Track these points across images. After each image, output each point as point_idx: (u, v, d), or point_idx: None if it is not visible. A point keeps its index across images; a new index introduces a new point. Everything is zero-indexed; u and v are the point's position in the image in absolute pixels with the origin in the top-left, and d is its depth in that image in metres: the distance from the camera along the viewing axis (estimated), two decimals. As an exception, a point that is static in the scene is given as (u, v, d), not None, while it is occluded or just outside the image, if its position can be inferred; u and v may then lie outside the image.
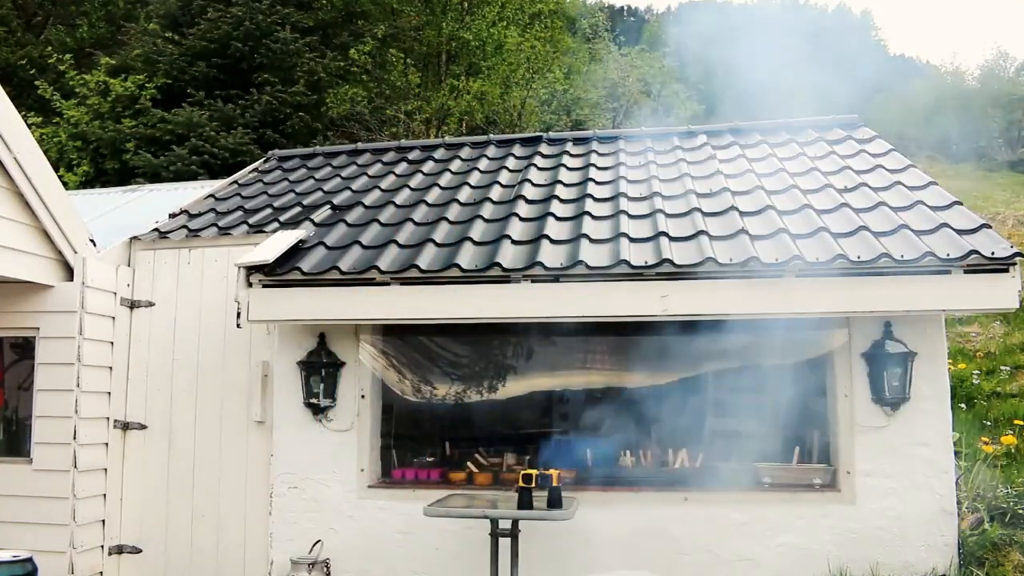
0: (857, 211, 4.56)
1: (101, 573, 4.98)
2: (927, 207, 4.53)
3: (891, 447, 4.30)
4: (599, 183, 5.48)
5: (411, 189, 5.73)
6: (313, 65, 12.95)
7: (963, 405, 6.27)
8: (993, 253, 3.96)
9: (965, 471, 5.06)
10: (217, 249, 5.25)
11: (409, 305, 4.40)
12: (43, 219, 4.67)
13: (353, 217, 5.26)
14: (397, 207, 5.38)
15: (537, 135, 6.96)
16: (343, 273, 4.47)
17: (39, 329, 4.86)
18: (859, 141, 5.89)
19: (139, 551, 5.10)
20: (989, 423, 6.10)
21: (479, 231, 4.79)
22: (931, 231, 4.25)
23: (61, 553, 4.64)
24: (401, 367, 4.96)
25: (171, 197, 6.88)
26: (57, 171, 5.65)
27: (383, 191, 5.78)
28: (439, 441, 5.23)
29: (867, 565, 4.20)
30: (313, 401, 4.74)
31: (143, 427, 5.19)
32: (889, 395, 4.26)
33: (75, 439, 4.74)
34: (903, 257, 4.02)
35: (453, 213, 5.11)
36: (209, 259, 5.26)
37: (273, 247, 4.69)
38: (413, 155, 6.69)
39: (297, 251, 4.78)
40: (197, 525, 5.06)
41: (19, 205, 4.56)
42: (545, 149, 6.50)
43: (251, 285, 4.56)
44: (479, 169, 6.08)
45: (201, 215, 5.73)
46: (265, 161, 7.21)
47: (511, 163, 6.18)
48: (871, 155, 5.55)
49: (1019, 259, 3.97)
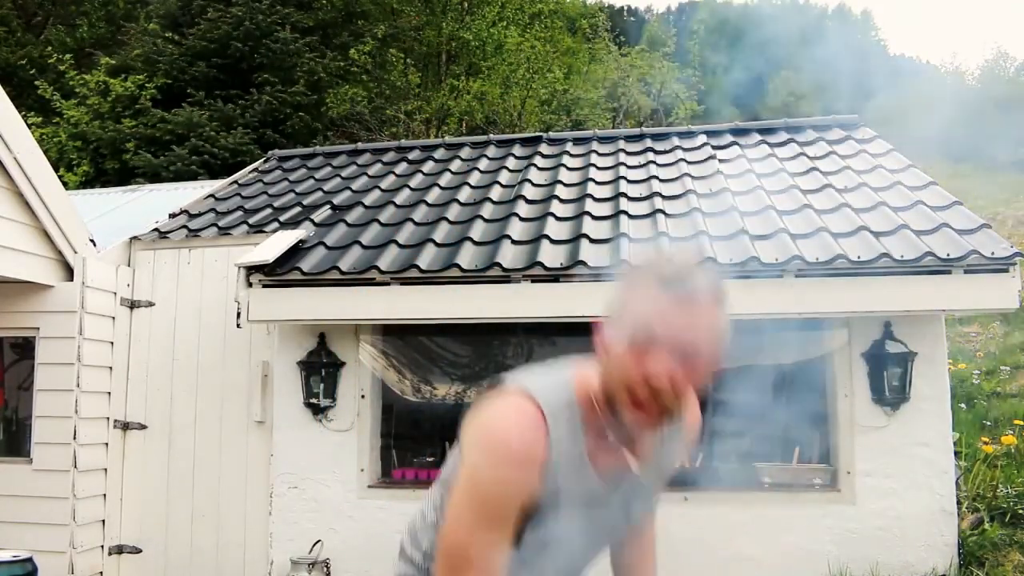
0: (857, 211, 4.56)
1: (101, 573, 4.98)
2: (927, 207, 4.53)
3: (891, 447, 4.30)
4: (599, 183, 5.48)
5: (411, 189, 5.74)
6: (313, 65, 12.95)
7: (963, 405, 6.27)
8: (993, 253, 3.96)
9: (965, 471, 5.06)
10: (217, 249, 5.25)
11: (409, 305, 4.41)
12: (43, 219, 4.67)
13: (353, 217, 5.26)
14: (397, 207, 5.38)
15: (537, 135, 6.96)
16: (343, 273, 4.47)
17: (39, 329, 4.86)
18: (859, 141, 5.89)
19: (139, 551, 5.10)
20: (989, 423, 6.10)
21: (479, 231, 4.79)
22: (931, 231, 4.25)
23: (61, 553, 4.64)
24: (401, 367, 4.96)
25: (171, 197, 6.88)
26: (57, 171, 5.65)
27: (383, 191, 5.78)
28: (439, 441, 5.23)
29: (867, 565, 4.20)
30: (313, 401, 4.75)
31: (143, 427, 5.19)
32: (889, 395, 4.26)
33: (75, 439, 4.74)
34: (903, 257, 4.02)
35: (453, 213, 5.11)
36: (209, 259, 5.26)
37: (273, 247, 4.69)
38: (413, 155, 6.69)
39: (297, 251, 4.78)
40: (197, 525, 5.06)
41: (19, 205, 4.56)
42: (545, 149, 6.50)
43: (251, 285, 4.56)
44: (479, 169, 6.08)
45: (201, 215, 5.73)
46: (265, 161, 7.21)
47: (511, 163, 6.18)
48: (871, 155, 5.55)
49: (1019, 259, 3.97)
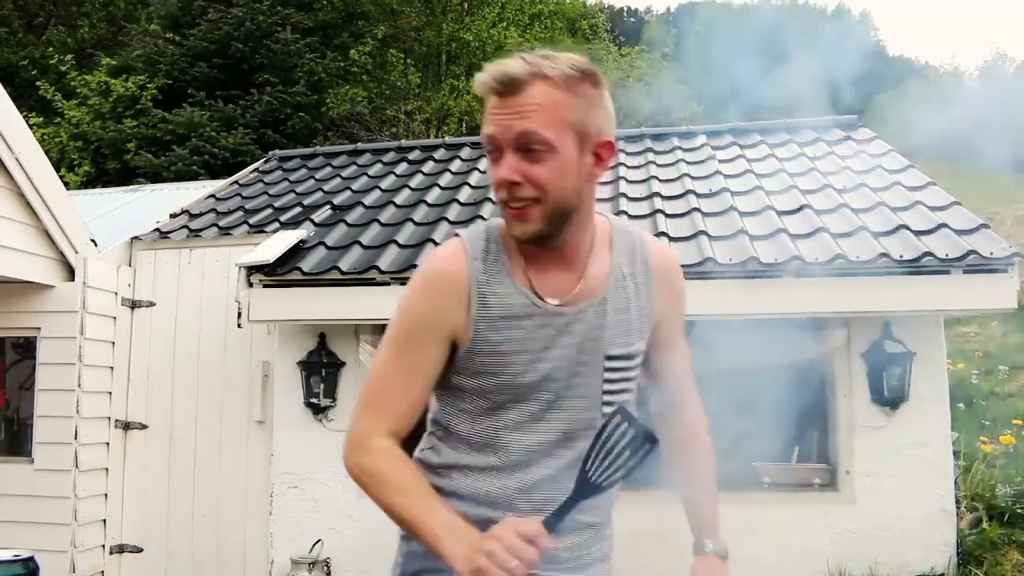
0: (856, 211, 4.57)
1: (102, 572, 4.99)
2: (926, 207, 4.54)
3: (890, 447, 4.31)
4: (599, 183, 5.49)
5: (411, 189, 5.75)
6: (313, 65, 12.96)
7: (962, 405, 6.28)
8: (992, 253, 3.97)
9: (964, 471, 5.07)
10: (218, 249, 5.26)
11: (409, 305, 4.41)
12: (44, 219, 4.68)
13: (353, 217, 5.27)
14: (397, 207, 5.39)
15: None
16: (343, 273, 4.48)
17: (40, 329, 4.87)
18: (858, 141, 5.90)
19: (140, 550, 5.11)
20: (988, 422, 6.11)
21: (479, 231, 4.80)
22: (930, 231, 4.26)
23: (62, 552, 4.65)
24: (401, 367, 4.96)
25: (172, 197, 6.89)
26: (58, 171, 5.67)
27: (383, 191, 5.79)
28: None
29: (866, 564, 4.21)
30: (313, 401, 4.75)
31: (144, 427, 5.20)
32: (888, 395, 4.27)
33: (76, 439, 4.75)
34: (902, 257, 4.03)
35: (453, 213, 5.12)
36: (210, 259, 5.27)
37: (273, 247, 4.70)
38: (413, 155, 6.70)
39: (297, 251, 4.79)
40: (198, 525, 5.07)
41: (20, 205, 4.57)
42: (545, 149, 6.51)
43: (251, 285, 4.57)
44: (479, 169, 6.09)
45: (202, 215, 5.74)
46: (266, 161, 7.22)
47: (511, 163, 6.18)
48: (870, 155, 5.56)
49: (1018, 259, 3.98)
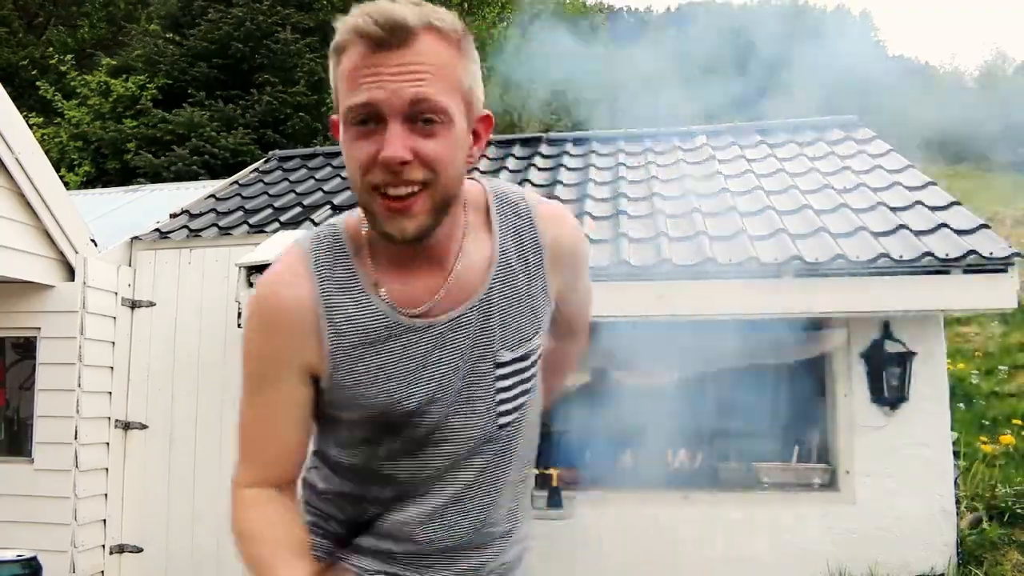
0: (856, 211, 4.57)
1: (102, 572, 4.99)
2: (926, 207, 4.55)
3: (890, 447, 4.32)
4: (599, 183, 5.50)
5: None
6: (314, 65, 12.96)
7: (962, 404, 6.28)
8: (992, 253, 3.97)
9: (964, 470, 5.07)
10: (218, 249, 5.26)
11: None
12: (44, 219, 4.68)
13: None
14: (397, 207, 5.38)
15: (537, 135, 6.97)
16: (344, 273, 4.47)
17: (40, 329, 4.87)
18: (858, 141, 5.90)
19: (140, 550, 5.11)
20: (988, 422, 6.11)
21: (479, 231, 4.80)
22: (930, 231, 4.26)
23: (63, 552, 4.64)
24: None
25: (172, 197, 6.89)
26: (58, 171, 5.67)
27: (383, 191, 5.78)
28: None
29: (866, 564, 4.21)
30: (314, 401, 4.75)
31: (144, 427, 5.20)
32: (888, 395, 4.28)
33: (76, 439, 4.74)
34: (902, 257, 4.03)
35: (453, 213, 5.12)
36: (210, 259, 5.27)
37: (274, 247, 4.70)
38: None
39: (298, 251, 4.78)
40: (198, 525, 5.07)
41: (20, 205, 4.57)
42: (545, 149, 6.51)
43: (251, 285, 4.57)
44: (479, 169, 6.09)
45: (202, 215, 5.74)
46: (266, 161, 7.22)
47: (511, 163, 6.19)
48: (870, 155, 5.57)
49: (1017, 259, 3.98)
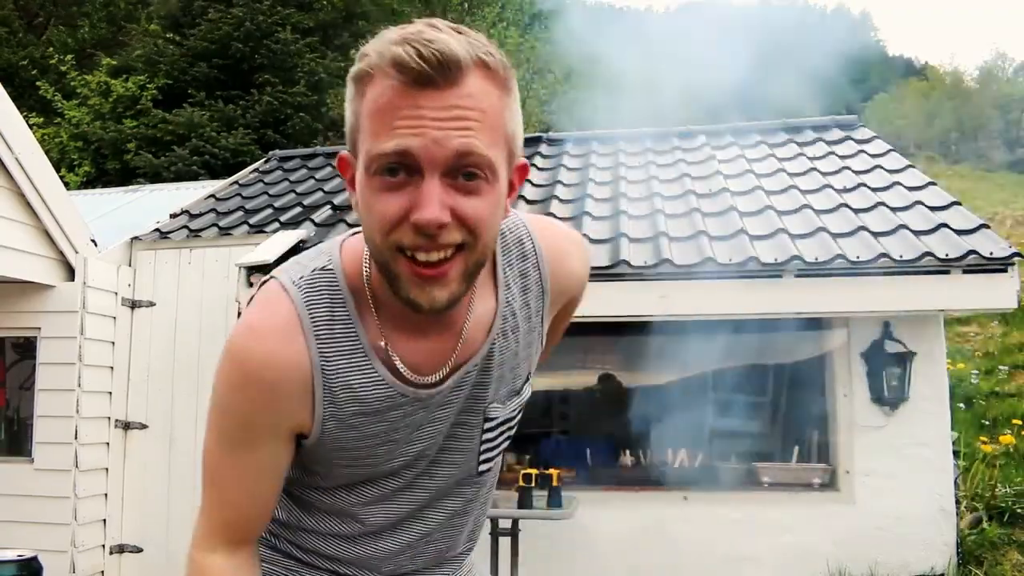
0: (856, 211, 4.57)
1: (102, 572, 4.99)
2: (926, 207, 4.55)
3: (890, 447, 4.32)
4: (599, 183, 5.50)
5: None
6: (314, 66, 12.97)
7: (962, 404, 6.29)
8: (992, 253, 3.98)
9: (964, 470, 5.07)
10: (218, 249, 5.26)
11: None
12: (44, 219, 4.68)
13: (353, 217, 5.27)
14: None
15: (537, 135, 6.97)
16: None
17: (40, 329, 4.87)
18: (858, 141, 5.90)
19: (140, 550, 5.11)
20: (988, 422, 6.11)
21: (479, 231, 4.80)
22: (930, 231, 4.26)
23: (63, 552, 4.64)
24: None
25: (172, 197, 6.89)
26: (58, 171, 5.67)
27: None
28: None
29: (866, 564, 4.21)
30: (314, 401, 4.75)
31: (144, 427, 5.20)
32: (888, 395, 4.28)
33: (76, 439, 4.74)
34: (902, 257, 4.03)
35: (453, 213, 5.12)
36: (210, 259, 5.27)
37: (273, 247, 4.71)
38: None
39: (297, 251, 4.77)
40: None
41: (20, 205, 4.57)
42: (545, 149, 6.51)
43: (251, 285, 4.57)
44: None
45: (202, 215, 5.75)
46: (266, 161, 7.22)
47: (511, 163, 6.18)
48: (870, 155, 5.57)
49: (1017, 259, 3.98)
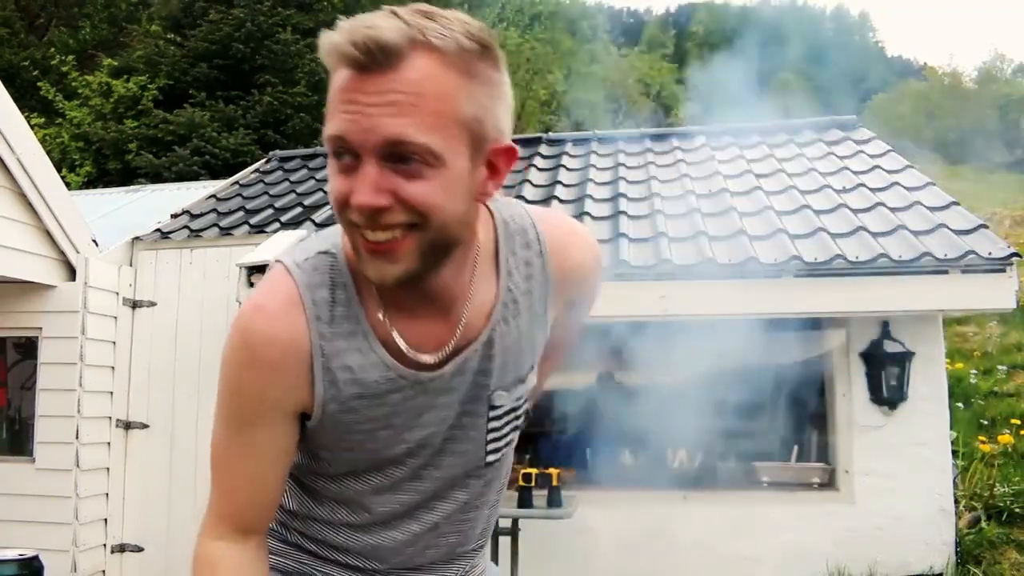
0: (855, 211, 4.58)
1: (103, 572, 5.00)
2: (925, 208, 4.56)
3: (889, 446, 4.33)
4: (598, 184, 5.51)
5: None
6: (314, 66, 12.96)
7: (960, 404, 6.29)
8: (990, 253, 3.99)
9: (963, 470, 5.08)
10: (219, 249, 5.27)
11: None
12: (45, 219, 4.69)
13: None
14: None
15: (537, 136, 6.98)
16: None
17: (42, 329, 4.88)
18: (857, 142, 5.91)
19: (141, 550, 5.12)
20: (986, 422, 6.12)
21: (479, 231, 4.81)
22: (929, 231, 4.27)
23: (64, 552, 4.65)
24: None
25: (173, 197, 6.90)
26: (60, 172, 5.68)
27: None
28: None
29: (865, 564, 4.22)
30: (314, 400, 4.75)
31: (145, 426, 5.21)
32: (887, 394, 4.29)
33: (77, 438, 4.75)
34: (901, 257, 4.04)
35: (453, 214, 5.13)
36: (211, 259, 5.28)
37: (274, 247, 4.72)
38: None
39: (298, 251, 4.79)
40: (199, 524, 5.07)
41: (22, 205, 4.58)
42: (545, 149, 6.52)
43: (252, 285, 4.59)
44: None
45: (203, 215, 5.76)
46: (266, 162, 7.23)
47: (511, 164, 6.19)
48: (869, 156, 5.58)
49: (1016, 259, 4.00)
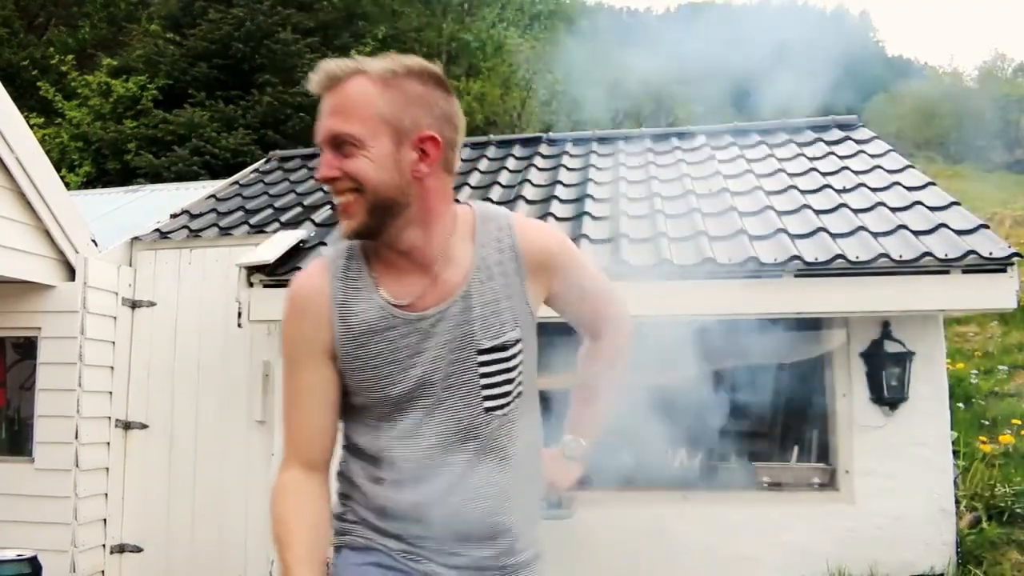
0: (856, 211, 4.58)
1: (103, 572, 4.99)
2: (925, 207, 4.55)
3: (890, 446, 4.32)
4: (599, 183, 5.50)
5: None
6: (314, 66, 12.95)
7: (961, 404, 6.28)
8: (991, 253, 3.98)
9: (963, 470, 5.07)
10: (218, 249, 5.26)
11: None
12: (45, 219, 4.69)
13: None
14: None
15: (537, 135, 6.97)
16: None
17: (41, 329, 4.88)
18: (858, 142, 5.90)
19: (140, 550, 5.11)
20: (987, 422, 6.11)
21: (479, 231, 4.80)
22: (929, 231, 4.27)
23: (63, 552, 4.65)
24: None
25: (172, 197, 6.90)
26: (59, 171, 5.67)
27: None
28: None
29: (866, 564, 4.21)
30: (314, 401, 4.75)
31: (144, 427, 5.20)
32: (888, 395, 4.28)
33: (77, 438, 4.75)
34: (901, 257, 4.04)
35: (453, 213, 5.12)
36: (210, 259, 5.27)
37: (274, 247, 4.71)
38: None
39: (298, 251, 4.79)
40: (198, 524, 5.07)
41: (21, 205, 4.58)
42: (545, 149, 6.52)
43: (252, 285, 4.58)
44: (479, 169, 6.10)
45: (202, 215, 5.75)
46: (266, 161, 7.23)
47: (511, 163, 6.19)
48: (870, 155, 5.57)
49: (1017, 259, 3.99)
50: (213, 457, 5.10)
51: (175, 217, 5.77)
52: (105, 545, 5.02)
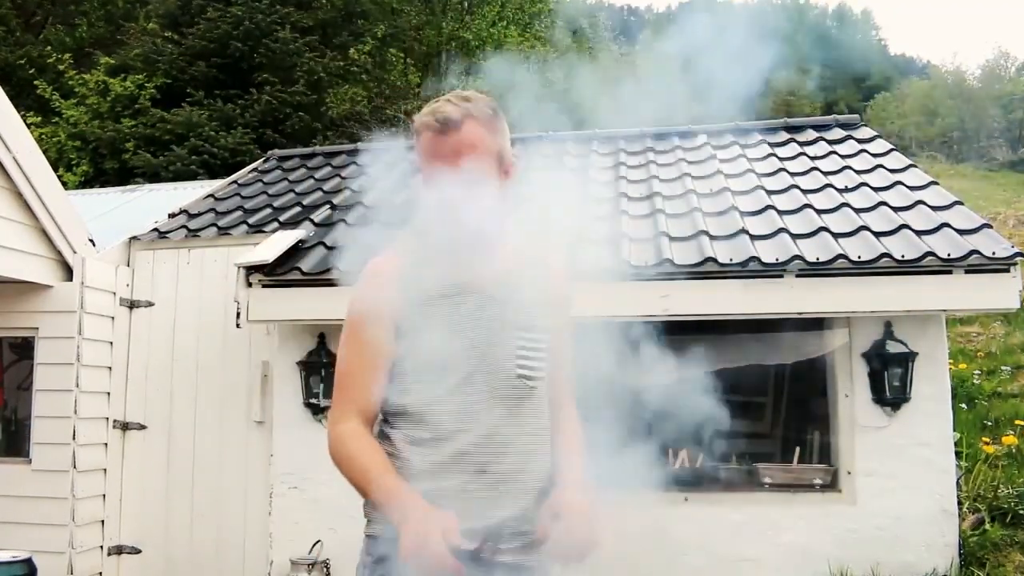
0: (857, 211, 4.55)
1: (100, 573, 4.97)
2: (928, 207, 4.53)
3: (892, 447, 4.30)
4: (599, 183, 5.48)
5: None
6: (313, 65, 12.94)
7: (964, 405, 6.26)
8: (994, 253, 3.96)
9: (966, 471, 5.05)
10: (216, 249, 5.24)
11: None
12: (42, 219, 4.67)
13: (352, 217, 5.25)
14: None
15: (537, 135, 6.94)
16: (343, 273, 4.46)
17: (38, 329, 4.86)
18: (859, 141, 5.88)
19: (138, 551, 5.09)
20: (990, 423, 6.09)
21: (479, 231, 4.78)
22: (932, 231, 4.24)
23: (60, 553, 4.63)
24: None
25: (170, 197, 6.88)
26: (56, 171, 5.65)
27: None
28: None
29: (867, 565, 4.19)
30: (313, 401, 4.74)
31: (142, 427, 5.18)
32: (890, 395, 4.25)
33: (74, 439, 4.73)
34: (903, 257, 4.01)
35: (453, 213, 5.09)
36: (209, 259, 5.25)
37: (273, 247, 4.68)
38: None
39: (297, 251, 4.77)
40: (196, 525, 5.05)
41: (18, 205, 4.56)
42: (545, 149, 6.49)
43: (251, 285, 4.56)
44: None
45: (200, 215, 5.72)
46: (265, 161, 7.20)
47: (511, 163, 6.16)
48: (871, 155, 5.54)
49: (1020, 259, 3.96)
50: (211, 458, 5.08)
51: (173, 217, 5.75)
52: (103, 546, 5.00)
